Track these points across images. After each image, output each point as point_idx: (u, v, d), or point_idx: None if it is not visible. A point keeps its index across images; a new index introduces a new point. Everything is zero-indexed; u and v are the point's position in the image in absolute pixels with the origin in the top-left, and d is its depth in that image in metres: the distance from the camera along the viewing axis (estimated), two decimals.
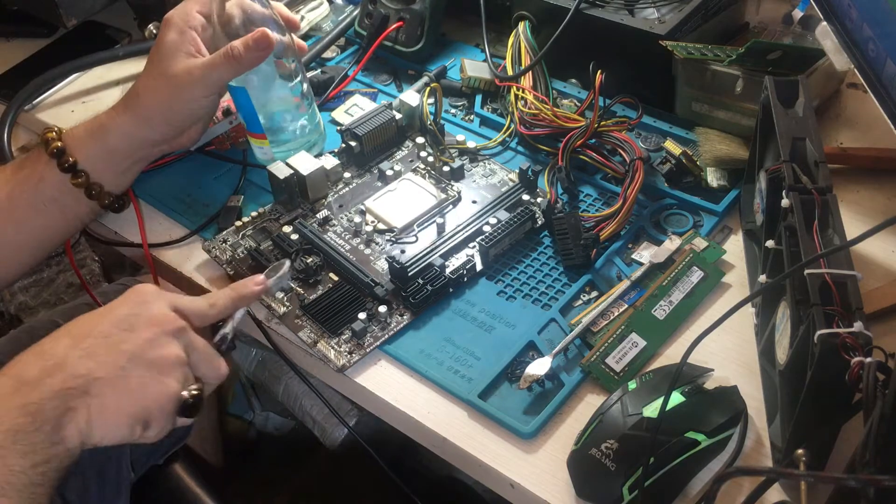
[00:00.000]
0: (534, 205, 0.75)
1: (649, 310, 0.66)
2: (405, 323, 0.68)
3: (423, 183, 0.78)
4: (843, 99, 0.84)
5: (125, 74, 0.94)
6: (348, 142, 0.80)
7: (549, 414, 0.61)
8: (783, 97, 0.64)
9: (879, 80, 0.62)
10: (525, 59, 0.83)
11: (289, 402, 1.24)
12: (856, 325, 0.48)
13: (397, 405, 0.64)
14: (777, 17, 0.89)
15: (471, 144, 0.81)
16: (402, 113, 0.82)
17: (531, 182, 0.76)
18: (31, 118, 0.91)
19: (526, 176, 0.76)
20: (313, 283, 0.71)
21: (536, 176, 0.76)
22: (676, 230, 0.73)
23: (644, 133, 0.81)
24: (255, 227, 0.76)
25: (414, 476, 1.13)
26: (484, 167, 0.80)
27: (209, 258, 0.75)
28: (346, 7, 0.99)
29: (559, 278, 0.71)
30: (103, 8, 0.98)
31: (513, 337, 0.67)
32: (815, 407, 0.51)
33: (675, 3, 0.81)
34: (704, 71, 0.76)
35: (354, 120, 0.81)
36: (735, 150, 0.75)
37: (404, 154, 0.82)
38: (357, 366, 0.66)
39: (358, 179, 0.80)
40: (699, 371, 0.61)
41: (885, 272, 0.68)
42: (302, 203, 0.77)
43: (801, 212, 0.55)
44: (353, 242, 0.74)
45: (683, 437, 0.56)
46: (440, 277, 0.69)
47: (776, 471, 0.52)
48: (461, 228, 0.73)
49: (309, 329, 0.68)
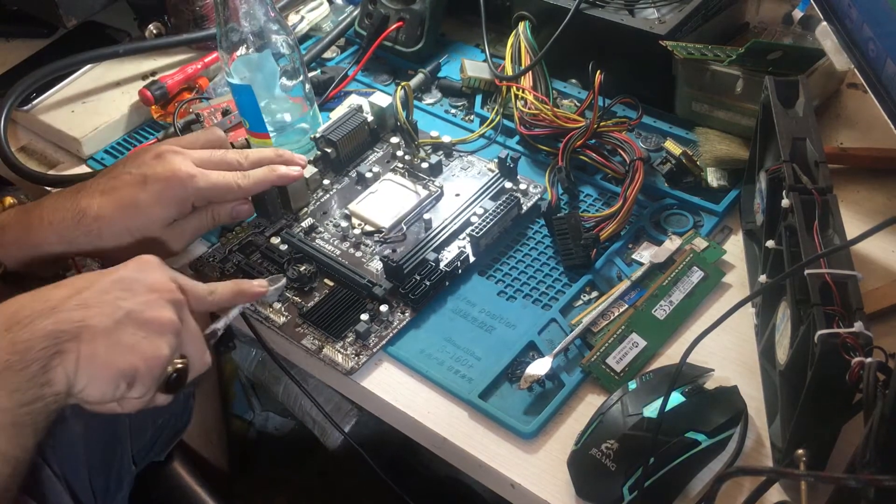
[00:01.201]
0: (517, 191, 0.76)
1: (649, 310, 0.66)
2: (407, 320, 0.68)
3: (404, 181, 0.78)
4: (843, 99, 0.84)
5: (125, 75, 0.94)
6: (324, 148, 0.80)
7: (549, 414, 0.61)
8: (783, 97, 0.64)
9: (879, 80, 0.62)
10: (525, 59, 0.83)
11: (289, 402, 1.24)
12: (856, 325, 0.48)
13: (398, 405, 0.64)
14: (777, 17, 0.89)
15: (445, 139, 0.81)
16: (372, 114, 0.83)
17: (511, 170, 0.77)
18: (31, 118, 0.91)
19: (505, 164, 0.76)
20: (308, 290, 0.71)
21: (516, 164, 0.77)
22: (676, 230, 0.73)
23: (644, 133, 0.81)
24: (241, 241, 0.76)
25: (414, 476, 1.14)
26: (461, 160, 0.80)
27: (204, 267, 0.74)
28: (346, 7, 0.99)
29: (559, 278, 0.71)
30: (103, 8, 0.98)
31: (513, 337, 0.67)
32: (815, 407, 0.51)
33: (675, 3, 0.81)
34: (704, 71, 0.76)
35: (327, 126, 0.81)
36: (735, 150, 0.75)
37: (379, 155, 0.82)
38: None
39: (337, 185, 0.80)
40: (699, 371, 0.61)
41: (885, 272, 0.68)
42: (285, 214, 0.77)
43: (801, 212, 0.55)
44: (343, 247, 0.74)
45: (683, 437, 0.56)
46: (436, 271, 0.69)
47: (776, 471, 0.52)
48: (449, 222, 0.74)
49: (312, 336, 0.68)
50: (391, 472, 0.71)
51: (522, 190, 0.76)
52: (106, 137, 0.89)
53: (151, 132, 0.89)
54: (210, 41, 0.93)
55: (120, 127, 0.89)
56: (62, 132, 0.88)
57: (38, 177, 0.84)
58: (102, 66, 0.95)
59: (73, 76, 0.94)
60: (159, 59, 0.95)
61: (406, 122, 0.81)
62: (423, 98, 0.89)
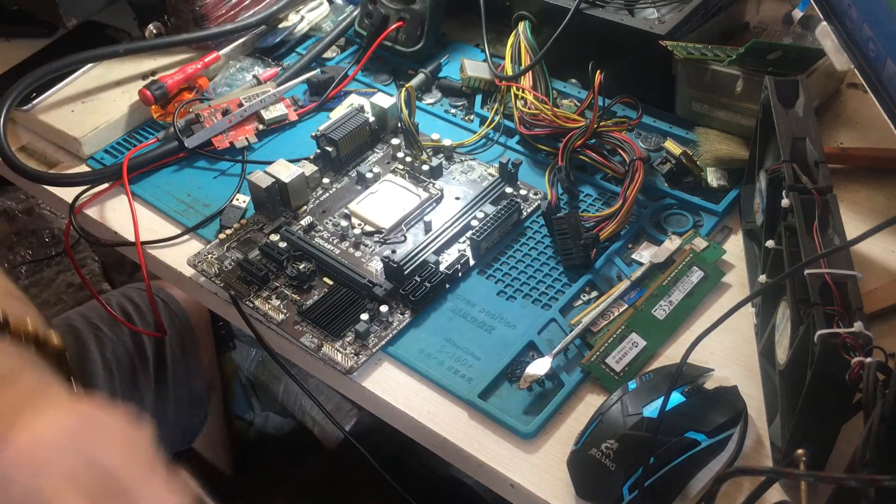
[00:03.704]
0: (517, 197, 0.76)
1: (649, 310, 0.66)
2: (406, 321, 0.68)
3: (404, 183, 0.78)
4: (843, 99, 0.84)
5: (125, 74, 0.94)
6: (324, 147, 0.80)
7: (549, 414, 0.61)
8: (783, 97, 0.64)
9: (879, 80, 0.62)
10: (525, 59, 0.83)
11: (289, 402, 1.24)
12: (856, 325, 0.48)
13: (397, 405, 0.64)
14: (777, 17, 0.89)
15: (446, 142, 0.81)
16: (373, 115, 0.83)
17: (512, 175, 0.77)
18: (31, 118, 0.91)
19: (506, 169, 0.76)
20: (307, 288, 0.71)
21: (517, 169, 0.77)
22: (676, 230, 0.73)
23: (644, 133, 0.81)
24: (240, 238, 0.76)
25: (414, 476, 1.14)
26: (462, 164, 0.80)
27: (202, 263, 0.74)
28: (346, 7, 0.99)
29: (559, 278, 0.71)
30: (103, 8, 0.98)
31: (513, 337, 0.67)
32: (815, 407, 0.51)
33: (675, 3, 0.81)
34: (704, 71, 0.76)
35: (328, 125, 0.81)
36: (735, 150, 0.75)
37: (380, 156, 0.82)
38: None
39: (337, 184, 0.80)
40: (699, 371, 0.61)
41: (885, 272, 0.68)
42: (284, 211, 0.77)
43: (801, 212, 0.55)
44: (342, 246, 0.74)
45: (683, 437, 0.56)
46: (436, 274, 0.69)
47: (776, 471, 0.52)
48: (449, 225, 0.73)
49: (311, 334, 0.68)
50: (391, 472, 0.71)
51: (523, 195, 0.76)
52: (106, 137, 0.89)
53: (151, 132, 0.89)
54: (210, 41, 0.93)
55: (120, 127, 0.89)
56: (62, 132, 0.88)
57: (38, 176, 0.84)
58: (102, 66, 0.95)
59: (73, 76, 0.94)
60: (159, 59, 0.95)
61: (409, 123, 0.81)
62: (423, 98, 0.89)
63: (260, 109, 0.86)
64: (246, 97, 0.86)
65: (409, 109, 0.81)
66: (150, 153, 0.83)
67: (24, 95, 0.89)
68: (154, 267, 0.78)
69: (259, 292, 0.71)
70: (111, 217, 0.81)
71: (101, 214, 0.81)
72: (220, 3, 0.93)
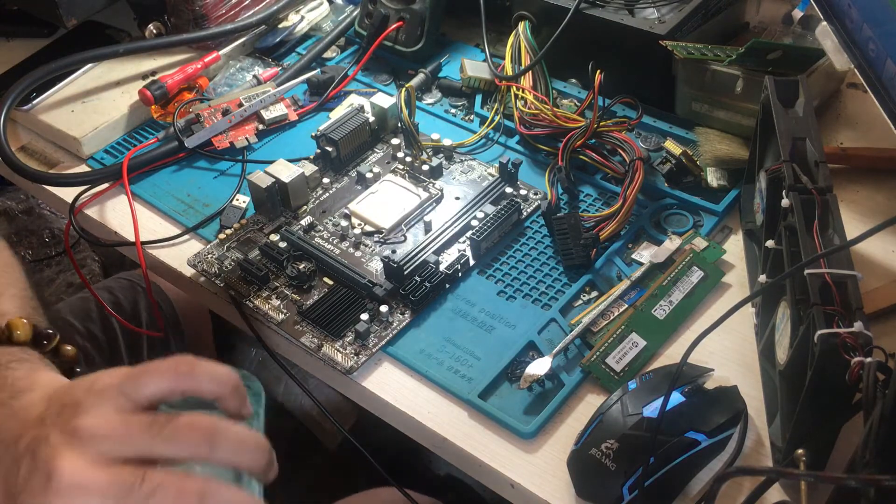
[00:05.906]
0: (517, 197, 0.76)
1: (649, 310, 0.66)
2: (406, 321, 0.68)
3: (405, 183, 0.78)
4: (843, 99, 0.84)
5: (125, 74, 0.94)
6: (324, 147, 0.80)
7: (549, 414, 0.61)
8: (783, 97, 0.64)
9: (879, 80, 0.62)
10: (525, 59, 0.83)
11: (289, 402, 1.24)
12: (856, 325, 0.48)
13: (397, 405, 0.64)
14: (777, 17, 0.89)
15: (446, 142, 0.81)
16: (373, 115, 0.83)
17: (512, 175, 0.77)
18: (31, 118, 0.91)
19: (506, 169, 0.76)
20: (307, 288, 0.71)
21: (517, 169, 0.77)
22: (676, 230, 0.73)
23: (644, 133, 0.81)
24: (240, 238, 0.76)
25: (414, 476, 1.14)
26: (462, 164, 0.80)
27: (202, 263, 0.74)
28: (346, 7, 0.99)
29: (559, 278, 0.71)
30: (103, 8, 0.98)
31: (513, 337, 0.67)
32: (815, 407, 0.51)
33: (675, 3, 0.81)
34: (704, 71, 0.76)
35: (328, 125, 0.81)
36: (735, 150, 0.75)
37: (380, 156, 0.82)
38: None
39: (337, 184, 0.80)
40: (699, 371, 0.61)
41: (885, 272, 0.68)
42: (284, 211, 0.77)
43: (801, 212, 0.55)
44: (342, 246, 0.74)
45: (683, 437, 0.56)
46: (436, 274, 0.69)
47: (776, 471, 0.52)
48: (449, 225, 0.73)
49: (311, 334, 0.68)
50: (391, 472, 0.71)
51: (523, 195, 0.76)
52: (106, 137, 0.89)
53: (151, 132, 0.89)
54: (210, 41, 0.93)
55: (120, 126, 0.89)
56: (62, 132, 0.88)
57: (38, 176, 0.84)
58: (102, 66, 0.95)
59: (73, 76, 0.94)
60: (159, 58, 0.95)
61: (409, 123, 0.81)
62: (423, 98, 0.89)
63: (260, 109, 0.86)
64: (246, 97, 0.86)
65: (409, 109, 0.81)
66: (150, 153, 0.84)
67: (24, 95, 0.89)
68: (154, 267, 0.78)
69: (259, 292, 0.71)
70: (111, 217, 0.81)
71: (101, 214, 0.81)
72: (220, 3, 0.93)
